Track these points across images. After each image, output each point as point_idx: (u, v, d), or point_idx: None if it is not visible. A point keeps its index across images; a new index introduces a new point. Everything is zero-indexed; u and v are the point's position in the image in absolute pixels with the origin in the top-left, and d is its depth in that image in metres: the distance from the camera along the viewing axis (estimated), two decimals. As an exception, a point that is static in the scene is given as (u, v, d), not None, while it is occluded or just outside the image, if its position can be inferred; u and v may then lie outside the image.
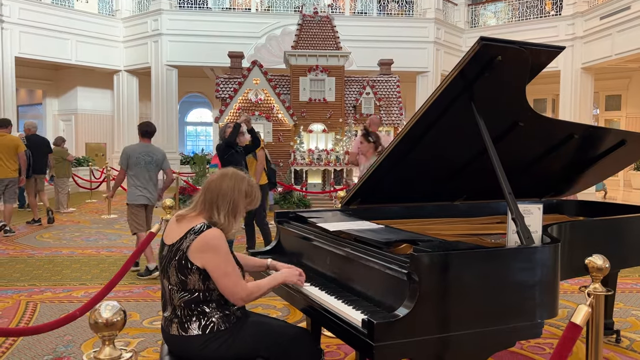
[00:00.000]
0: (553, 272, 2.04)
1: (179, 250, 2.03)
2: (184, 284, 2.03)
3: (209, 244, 2.01)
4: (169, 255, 2.07)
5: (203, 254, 2.00)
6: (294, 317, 4.07)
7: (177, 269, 2.03)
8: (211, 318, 2.05)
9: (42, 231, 8.29)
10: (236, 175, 2.16)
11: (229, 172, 2.17)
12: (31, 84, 18.06)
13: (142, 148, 5.57)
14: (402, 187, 3.05)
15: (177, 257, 2.03)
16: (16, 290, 4.91)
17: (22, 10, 14.40)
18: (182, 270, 2.02)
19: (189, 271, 2.02)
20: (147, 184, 5.54)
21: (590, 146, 3.24)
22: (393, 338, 1.75)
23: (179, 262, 2.03)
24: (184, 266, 2.02)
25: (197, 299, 2.04)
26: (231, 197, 2.10)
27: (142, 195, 5.52)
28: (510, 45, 2.16)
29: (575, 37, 14.84)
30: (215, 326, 2.04)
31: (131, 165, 5.50)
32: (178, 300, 2.05)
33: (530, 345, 3.45)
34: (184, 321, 2.05)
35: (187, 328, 2.04)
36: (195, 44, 15.85)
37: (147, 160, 5.53)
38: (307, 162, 11.83)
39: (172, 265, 2.04)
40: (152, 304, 4.47)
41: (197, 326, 2.03)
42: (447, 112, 2.42)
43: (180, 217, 2.14)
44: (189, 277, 2.02)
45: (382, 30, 15.98)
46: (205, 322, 2.04)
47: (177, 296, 2.05)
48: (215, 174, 2.19)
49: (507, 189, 2.17)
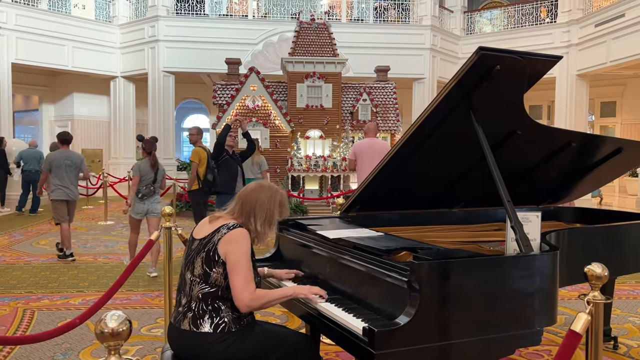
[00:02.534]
0: (552, 280, 2.06)
1: (210, 242, 2.13)
2: (207, 276, 2.11)
3: (234, 237, 2.12)
4: (199, 247, 2.16)
5: (227, 246, 2.10)
6: (293, 324, 4.07)
7: (204, 261, 2.12)
8: (224, 318, 2.10)
9: (38, 238, 8.25)
10: (271, 186, 2.32)
11: (265, 184, 2.33)
12: (28, 90, 18.04)
13: (63, 154, 6.63)
14: (401, 195, 3.07)
15: (207, 249, 2.13)
16: (13, 297, 4.89)
17: (19, 17, 14.40)
18: (209, 262, 2.11)
19: (215, 264, 2.10)
20: (68, 184, 6.56)
21: (588, 154, 3.27)
22: (394, 346, 1.76)
23: (207, 254, 2.12)
24: (211, 258, 2.11)
25: (215, 293, 2.11)
26: (267, 208, 2.24)
27: (63, 192, 6.53)
28: (508, 55, 2.18)
29: (570, 45, 14.95)
30: (226, 326, 2.09)
31: (54, 169, 6.48)
32: (197, 292, 2.11)
33: (528, 352, 3.46)
34: (197, 316, 2.09)
35: (199, 324, 2.08)
36: (192, 50, 15.87)
37: (67, 163, 6.55)
38: (304, 169, 11.85)
39: (200, 256, 2.13)
40: (150, 311, 4.46)
41: (210, 324, 2.08)
42: (445, 120, 2.44)
43: (215, 217, 2.26)
44: (214, 269, 2.10)
45: (379, 37, 16.06)
46: (218, 321, 2.09)
47: (197, 288, 2.12)
48: (251, 184, 2.33)
49: (506, 197, 2.19)
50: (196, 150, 6.65)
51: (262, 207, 2.22)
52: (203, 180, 6.53)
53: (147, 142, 6.04)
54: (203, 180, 6.53)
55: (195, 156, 6.58)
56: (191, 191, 6.71)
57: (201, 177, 6.53)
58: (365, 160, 6.41)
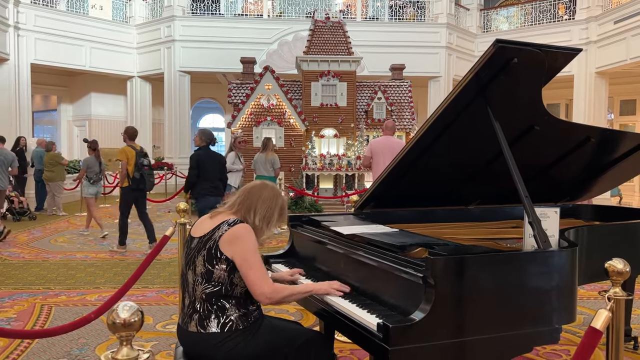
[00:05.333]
0: (571, 277, 2.02)
1: (211, 239, 2.10)
2: (209, 274, 2.08)
3: (238, 235, 2.09)
4: (199, 246, 2.14)
5: (233, 245, 2.07)
6: (307, 322, 4.06)
7: (206, 259, 2.09)
8: (230, 316, 2.07)
9: (56, 235, 8.36)
10: (275, 188, 2.32)
11: (269, 184, 2.33)
12: (46, 90, 18.30)
13: None
14: (415, 192, 3.03)
15: (208, 247, 2.10)
16: (31, 293, 4.95)
17: (37, 17, 14.60)
18: (211, 260, 2.08)
19: (218, 260, 2.07)
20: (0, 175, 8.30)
21: (607, 150, 3.20)
22: (409, 342, 1.74)
23: (208, 252, 2.09)
24: (213, 256, 2.08)
25: (219, 292, 2.08)
26: (269, 205, 2.23)
27: None
28: (526, 47, 2.14)
29: (589, 42, 14.73)
30: (233, 325, 2.06)
31: None
32: (200, 292, 2.09)
33: (546, 352, 3.41)
34: (203, 317, 2.07)
35: (205, 325, 2.06)
36: (208, 49, 15.96)
37: (0, 159, 8.25)
38: (318, 167, 11.83)
39: (201, 255, 2.10)
40: (165, 308, 4.49)
41: (216, 324, 2.05)
42: (462, 115, 2.40)
43: (216, 213, 2.24)
44: (216, 267, 2.07)
45: (394, 35, 15.98)
46: (224, 320, 2.06)
47: (200, 288, 2.09)
48: (255, 182, 2.34)
49: (524, 193, 2.15)
50: (123, 149, 6.91)
51: (264, 203, 2.22)
52: (132, 178, 6.78)
53: (92, 142, 8.73)
54: (132, 178, 6.78)
55: (122, 155, 6.82)
56: (122, 187, 7.00)
57: (130, 175, 6.78)
58: (381, 157, 6.39)
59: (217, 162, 6.12)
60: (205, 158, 5.97)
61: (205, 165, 5.92)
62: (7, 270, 5.88)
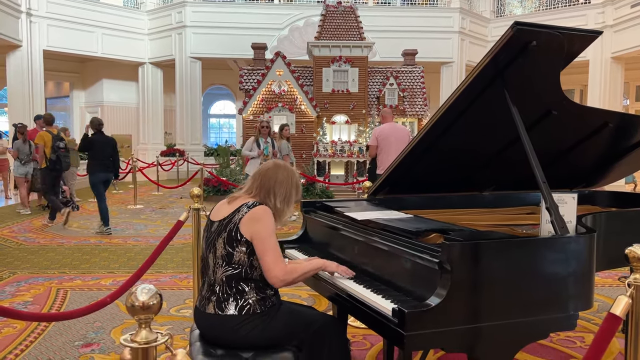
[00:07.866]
0: (589, 263, 1.99)
1: (231, 222, 2.12)
2: (230, 256, 2.10)
3: (257, 215, 2.11)
4: (219, 229, 2.15)
5: (252, 226, 2.09)
6: (320, 307, 4.07)
7: (226, 241, 2.11)
8: (248, 300, 2.08)
9: (70, 221, 8.44)
10: (287, 167, 2.33)
11: (281, 164, 2.33)
12: (59, 77, 18.41)
13: None
14: (429, 177, 3.01)
15: (228, 229, 2.11)
16: (47, 277, 5.01)
17: (49, 4, 14.65)
18: (231, 242, 2.10)
19: (238, 243, 2.09)
20: None
21: (625, 135, 3.14)
22: (424, 327, 1.73)
23: (229, 234, 2.10)
24: (233, 238, 2.09)
25: (238, 275, 2.09)
26: (286, 187, 2.25)
27: None
28: (545, 30, 2.09)
29: (605, 26, 14.47)
30: (251, 308, 2.07)
31: None
32: (221, 274, 2.11)
33: (560, 339, 3.39)
34: (221, 300, 2.09)
35: (224, 307, 2.08)
36: (219, 35, 15.93)
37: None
38: (330, 154, 11.82)
39: (222, 237, 2.12)
40: (179, 292, 4.53)
41: (235, 307, 2.07)
42: (478, 99, 2.36)
43: (233, 198, 2.26)
44: (237, 249, 2.09)
45: (406, 20, 15.83)
46: (242, 303, 2.07)
47: (221, 270, 2.11)
48: (268, 163, 2.34)
49: (542, 178, 2.12)
50: (40, 134, 7.95)
51: (281, 186, 2.23)
52: (49, 160, 7.82)
53: (21, 126, 9.43)
54: (49, 160, 7.82)
55: (40, 139, 7.84)
56: (41, 169, 8.08)
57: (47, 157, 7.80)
58: (388, 145, 6.30)
59: (109, 145, 7.34)
60: (97, 140, 7.24)
61: (96, 146, 7.20)
62: (23, 255, 5.96)
